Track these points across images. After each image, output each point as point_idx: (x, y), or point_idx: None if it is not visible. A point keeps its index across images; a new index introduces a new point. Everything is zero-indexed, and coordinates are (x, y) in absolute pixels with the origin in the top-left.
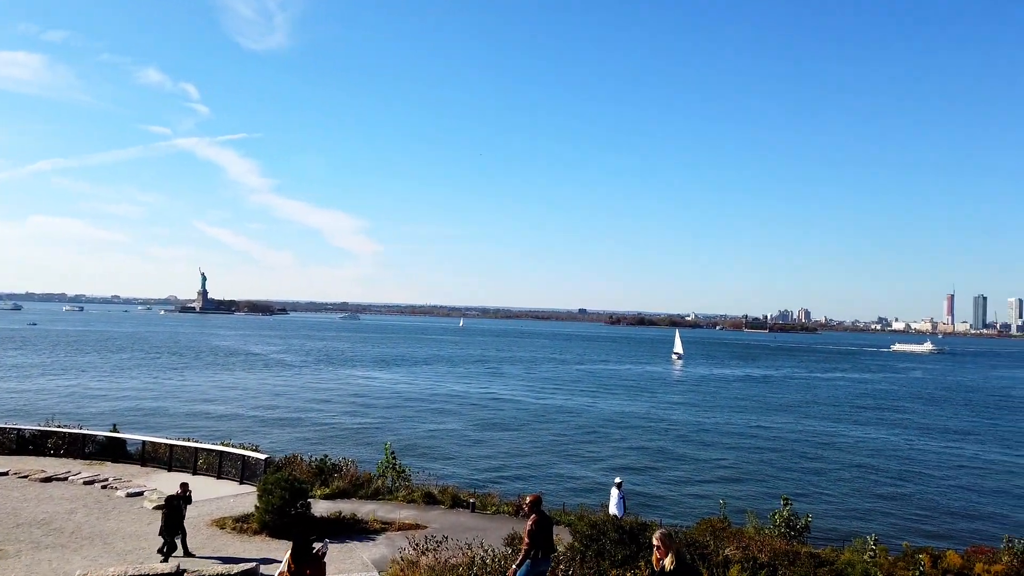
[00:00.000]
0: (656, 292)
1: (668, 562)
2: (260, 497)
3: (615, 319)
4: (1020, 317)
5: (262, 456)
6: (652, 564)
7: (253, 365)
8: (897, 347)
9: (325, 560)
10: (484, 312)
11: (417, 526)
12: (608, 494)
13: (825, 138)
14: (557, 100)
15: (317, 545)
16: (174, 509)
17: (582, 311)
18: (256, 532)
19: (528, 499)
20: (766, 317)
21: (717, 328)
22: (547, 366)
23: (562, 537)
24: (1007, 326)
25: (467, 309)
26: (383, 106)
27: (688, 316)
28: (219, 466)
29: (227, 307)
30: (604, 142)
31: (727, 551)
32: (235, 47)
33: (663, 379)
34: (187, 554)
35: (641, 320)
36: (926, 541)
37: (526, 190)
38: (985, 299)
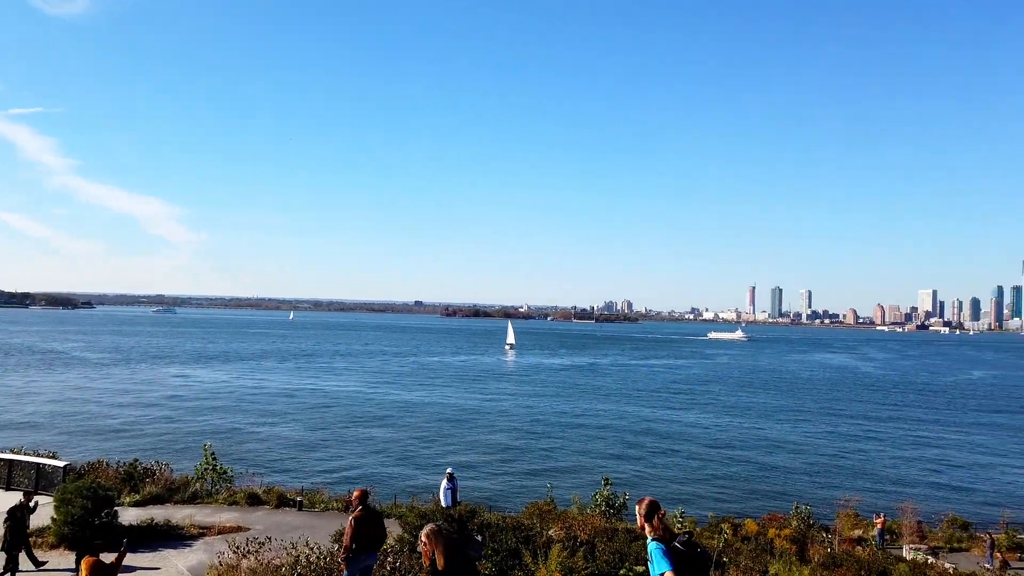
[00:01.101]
0: (491, 284)
1: (439, 560)
2: (57, 508)
3: (451, 311)
4: (809, 306)
5: (60, 463)
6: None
7: (51, 364)
8: (713, 335)
9: (122, 563)
10: (316, 305)
11: (239, 528)
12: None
13: (643, 140)
14: (386, 88)
15: (109, 557)
16: (17, 522)
17: (418, 303)
18: (53, 546)
19: (355, 494)
20: (593, 308)
21: (548, 319)
22: (382, 359)
23: (392, 530)
24: (799, 314)
25: (298, 302)
26: (204, 82)
27: (521, 307)
28: (8, 476)
29: (20, 300)
30: (435, 134)
31: (551, 532)
32: (32, 11)
33: (497, 370)
34: (37, 566)
35: (476, 312)
36: (728, 512)
37: (359, 180)
38: (781, 291)
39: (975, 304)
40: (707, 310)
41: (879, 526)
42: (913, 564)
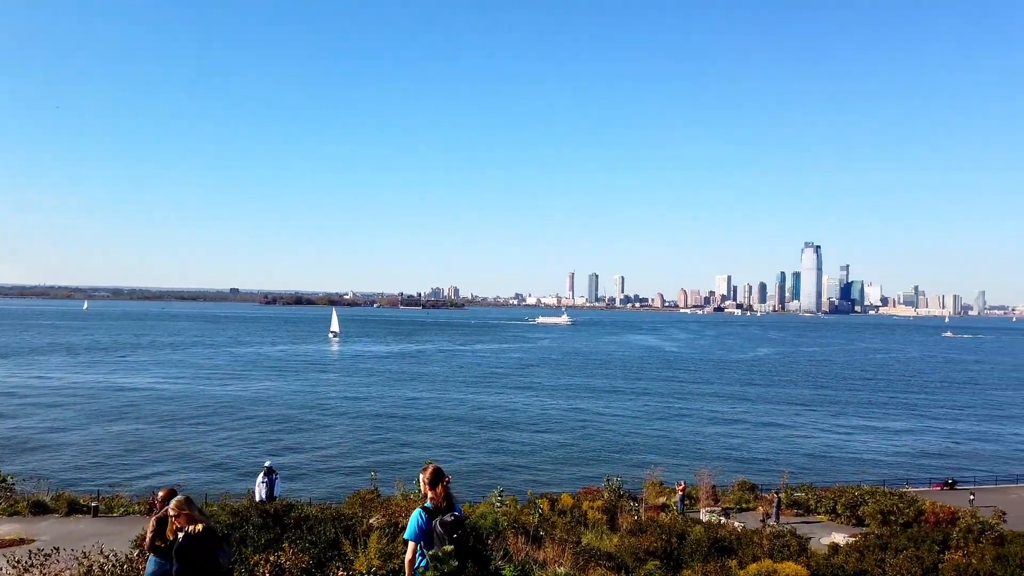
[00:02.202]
0: (314, 270)
1: (192, 529)
2: None
3: (271, 298)
4: (623, 291)
5: None
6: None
7: None
8: (541, 320)
9: None
10: (116, 293)
11: (22, 541)
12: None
13: (466, 132)
14: (178, 60)
15: None
16: None
17: (234, 291)
18: None
19: (161, 494)
20: (420, 294)
21: (375, 306)
22: (191, 352)
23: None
24: (613, 299)
25: (94, 290)
26: None
27: (347, 294)
28: None
29: None
30: (250, 115)
31: (372, 520)
32: None
33: (320, 359)
34: None
35: (299, 299)
36: (547, 488)
37: (165, 154)
38: (597, 277)
39: (762, 288)
40: (530, 295)
41: (680, 493)
42: (708, 525)
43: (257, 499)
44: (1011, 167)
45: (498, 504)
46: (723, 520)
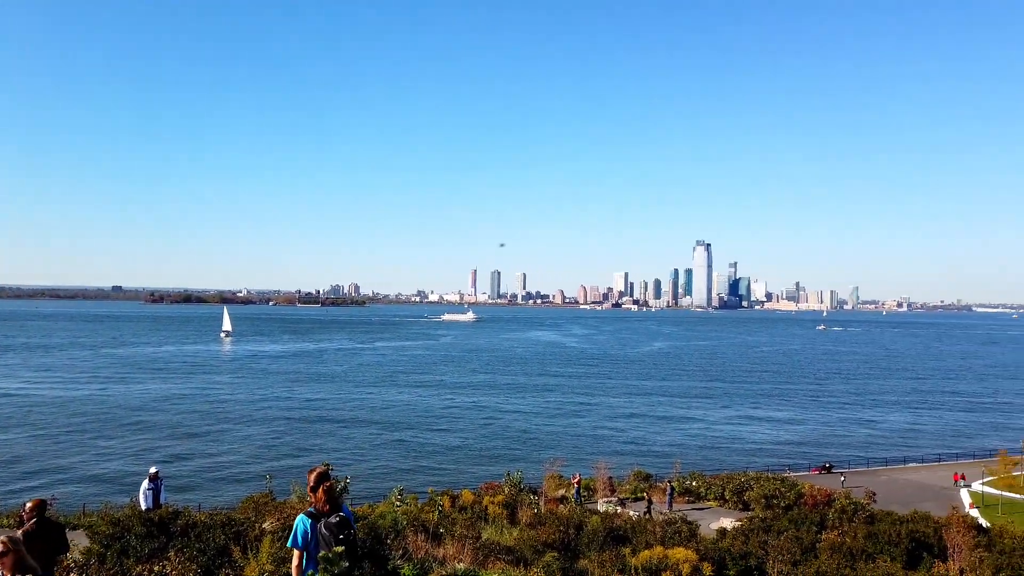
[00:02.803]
0: (205, 267)
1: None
2: None
3: (157, 296)
4: (524, 288)
5: None
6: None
7: None
8: (447, 317)
9: None
10: None
11: None
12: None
13: (367, 128)
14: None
15: None
16: None
17: (117, 288)
18: None
19: (28, 505)
20: (319, 292)
21: (271, 304)
22: (69, 353)
23: (79, 542)
24: (515, 296)
25: None
26: None
27: (240, 292)
28: None
29: None
30: (135, 104)
31: (265, 524)
32: None
33: (210, 360)
34: None
35: (188, 297)
36: (449, 485)
37: (38, 142)
38: (499, 273)
39: (657, 285)
40: (433, 292)
41: (575, 485)
42: (604, 515)
43: (143, 507)
44: (882, 171)
45: (398, 503)
46: (619, 510)
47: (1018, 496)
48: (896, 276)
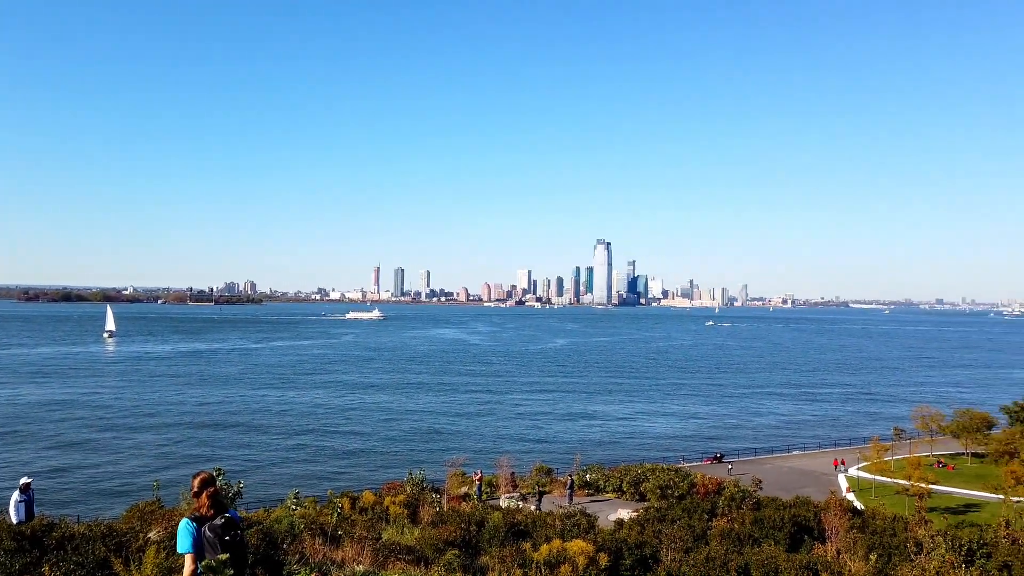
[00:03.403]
0: (87, 263)
1: None
2: None
3: (32, 294)
4: (428, 286)
5: None
6: None
7: None
8: (352, 315)
9: None
10: None
11: None
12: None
13: (272, 119)
14: None
15: None
16: None
17: None
18: None
19: None
20: (212, 289)
21: (159, 302)
22: None
23: None
24: (419, 293)
25: None
26: None
27: (126, 290)
28: None
29: None
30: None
31: (151, 534)
32: None
33: (91, 361)
34: None
35: (67, 295)
36: (349, 486)
37: None
38: (403, 271)
39: (560, 282)
40: (334, 290)
41: (478, 482)
42: (506, 511)
43: (14, 520)
44: (768, 174)
45: (294, 507)
46: (520, 505)
47: (888, 480)
48: (782, 274)
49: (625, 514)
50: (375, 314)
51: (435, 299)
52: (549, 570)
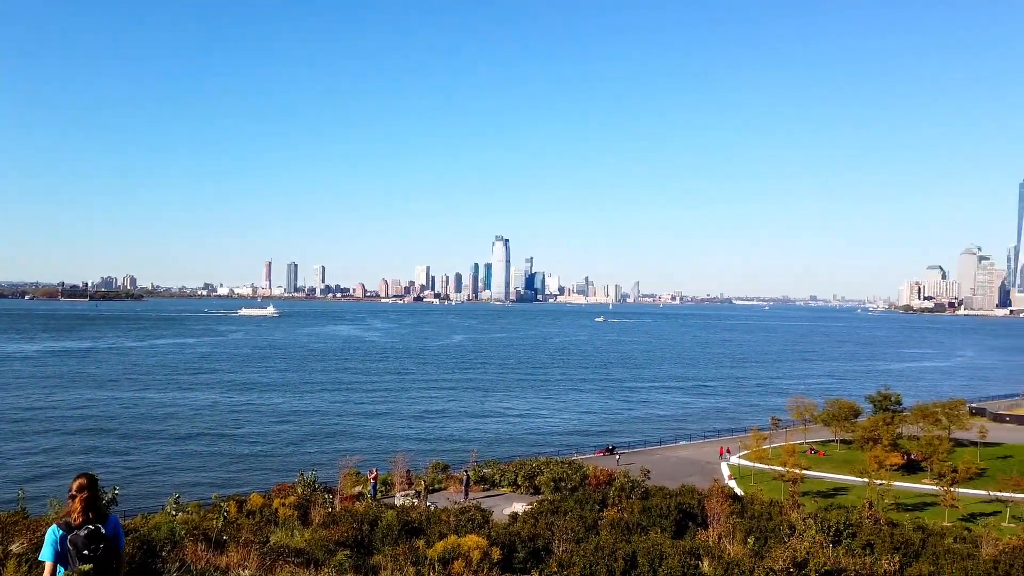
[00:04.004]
0: None
1: None
2: None
3: None
4: (323, 281)
5: None
6: None
7: None
8: (244, 311)
9: None
10: None
11: None
12: None
13: (152, 110)
14: None
15: None
16: None
17: None
18: None
19: None
20: (87, 284)
21: (27, 298)
22: None
23: None
24: (313, 289)
25: None
26: None
27: None
28: None
29: None
30: None
31: (13, 546)
32: None
33: None
34: None
35: None
36: (238, 490)
37: None
38: (296, 266)
39: (458, 278)
40: (222, 285)
41: (372, 480)
42: (400, 509)
43: None
44: (661, 176)
45: (175, 512)
46: (415, 502)
47: (766, 467)
48: (671, 272)
49: (520, 507)
50: (270, 310)
51: (331, 295)
52: (443, 566)
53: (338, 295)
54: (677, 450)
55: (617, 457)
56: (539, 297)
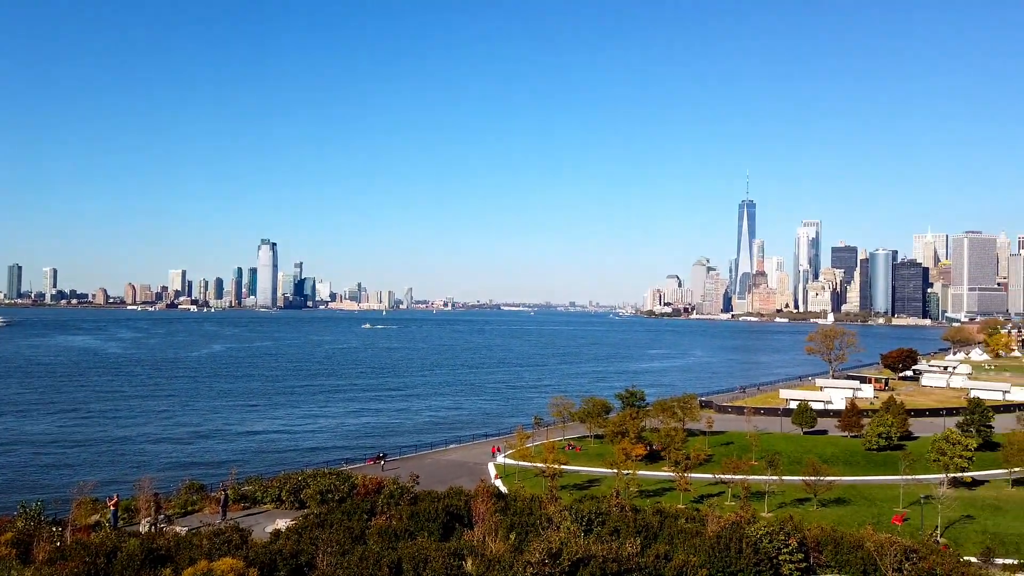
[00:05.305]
0: None
1: None
2: None
3: None
4: (55, 286)
5: None
6: None
7: None
8: None
9: None
10: None
11: None
12: None
13: None
14: None
15: None
16: None
17: None
18: None
19: None
20: None
21: None
22: None
23: None
24: (42, 295)
25: None
26: None
27: None
28: None
29: None
30: None
31: None
32: None
33: None
34: None
35: None
36: None
37: None
38: (20, 268)
39: (219, 284)
40: None
41: (113, 507)
42: (146, 536)
43: None
44: (435, 182)
45: None
46: (164, 527)
47: (529, 464)
48: (443, 278)
49: (283, 524)
50: None
51: (64, 301)
52: None
53: (74, 301)
54: (448, 453)
55: (382, 464)
56: (309, 304)
